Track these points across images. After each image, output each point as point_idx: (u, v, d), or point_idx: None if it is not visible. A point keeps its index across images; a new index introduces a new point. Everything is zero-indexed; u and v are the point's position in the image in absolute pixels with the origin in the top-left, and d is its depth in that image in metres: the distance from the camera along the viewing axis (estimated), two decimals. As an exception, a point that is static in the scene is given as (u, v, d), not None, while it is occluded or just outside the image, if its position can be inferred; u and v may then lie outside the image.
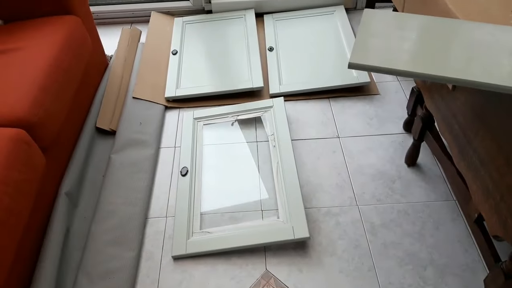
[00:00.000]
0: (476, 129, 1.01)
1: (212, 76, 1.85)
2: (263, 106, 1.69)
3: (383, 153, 1.57)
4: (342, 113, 1.73)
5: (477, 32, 0.81)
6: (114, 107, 1.68)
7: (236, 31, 2.06)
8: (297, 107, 1.77)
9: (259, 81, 1.78)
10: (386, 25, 0.85)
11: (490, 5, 0.90)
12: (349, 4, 2.18)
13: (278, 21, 2.13)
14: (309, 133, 1.66)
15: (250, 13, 2.14)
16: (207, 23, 2.12)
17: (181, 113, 1.75)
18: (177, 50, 1.96)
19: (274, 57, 1.93)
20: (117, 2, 2.21)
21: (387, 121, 1.68)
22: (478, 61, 0.76)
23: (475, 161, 1.02)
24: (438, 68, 0.75)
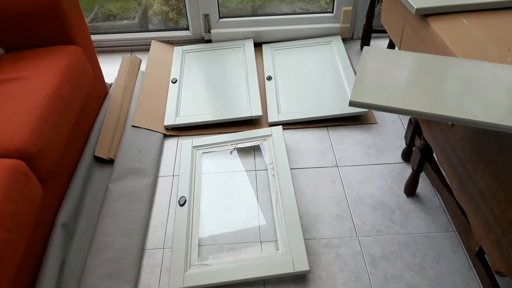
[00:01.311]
0: (476, 164, 1.02)
1: (211, 104, 1.86)
2: (262, 135, 1.70)
3: (382, 183, 1.57)
4: (340, 142, 1.74)
5: (475, 70, 0.83)
6: (113, 135, 1.68)
7: (235, 60, 2.09)
8: (295, 135, 1.77)
9: (257, 109, 1.80)
10: (385, 63, 0.87)
11: (487, 43, 0.92)
12: (346, 34, 2.22)
13: (276, 50, 2.17)
14: (308, 162, 1.66)
15: (249, 42, 2.17)
16: (206, 52, 2.15)
17: (180, 141, 1.75)
18: (176, 78, 1.98)
19: (272, 86, 1.95)
20: (118, 31, 2.25)
21: (385, 151, 1.69)
22: (477, 100, 0.77)
23: (475, 195, 1.02)
24: (437, 107, 0.76)
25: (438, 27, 0.96)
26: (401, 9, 1.06)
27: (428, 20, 0.99)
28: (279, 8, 2.80)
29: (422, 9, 0.99)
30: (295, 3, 2.82)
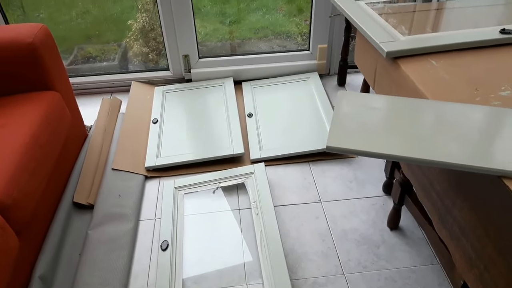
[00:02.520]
0: (454, 198, 1.03)
1: (193, 143, 1.86)
2: (244, 173, 1.70)
3: (366, 217, 1.57)
4: (322, 177, 1.75)
5: (447, 112, 0.86)
6: (93, 179, 1.65)
7: (216, 98, 2.12)
8: (278, 171, 1.78)
9: (239, 147, 1.81)
10: (360, 107, 0.89)
11: (455, 84, 0.96)
12: (323, 70, 2.29)
13: (256, 88, 2.21)
14: (291, 198, 1.66)
15: (229, 81, 2.21)
16: (187, 92, 2.17)
17: (161, 182, 1.73)
18: (157, 118, 1.99)
19: (253, 123, 1.97)
20: (98, 73, 2.26)
21: (367, 184, 1.70)
22: (450, 142, 0.79)
23: (455, 230, 1.04)
24: (412, 150, 0.78)
25: (408, 69, 1.00)
26: (373, 52, 1.10)
27: (398, 62, 1.04)
28: (257, 45, 2.88)
29: (393, 52, 1.04)
30: (272, 40, 2.91)
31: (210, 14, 3.08)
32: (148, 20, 2.38)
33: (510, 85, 0.94)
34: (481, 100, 0.90)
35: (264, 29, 2.98)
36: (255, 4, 3.20)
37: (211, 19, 3.05)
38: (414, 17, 1.33)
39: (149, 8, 2.36)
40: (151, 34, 2.39)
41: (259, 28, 3.00)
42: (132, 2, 2.56)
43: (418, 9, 1.38)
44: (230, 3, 3.19)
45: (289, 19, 3.06)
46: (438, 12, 1.38)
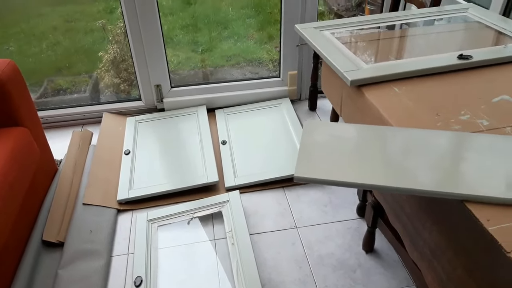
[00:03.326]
0: (424, 221, 1.05)
1: (167, 173, 1.84)
2: (219, 201, 1.69)
3: (341, 241, 1.58)
4: (297, 202, 1.75)
5: (410, 138, 0.89)
6: (63, 216, 1.60)
7: (189, 127, 2.12)
8: (253, 198, 1.78)
9: (214, 175, 1.80)
10: (326, 136, 0.91)
11: (417, 110, 0.99)
12: (294, 96, 2.33)
13: (229, 115, 2.22)
14: (267, 225, 1.65)
15: (202, 109, 2.22)
16: (160, 121, 2.17)
17: (134, 215, 1.70)
18: (129, 149, 1.96)
19: (227, 150, 1.97)
20: (68, 105, 2.23)
21: (341, 208, 1.72)
22: (414, 168, 0.81)
23: (426, 252, 1.05)
24: (376, 178, 0.80)
25: (372, 97, 1.04)
26: (338, 80, 1.14)
27: (362, 90, 1.07)
28: (230, 72, 2.92)
29: (356, 80, 1.07)
30: (245, 67, 2.96)
31: (182, 43, 3.11)
32: (119, 51, 2.38)
33: (469, 109, 0.98)
34: (442, 125, 0.93)
35: (236, 57, 3.03)
36: (227, 32, 3.27)
37: (184, 47, 3.09)
38: (377, 45, 1.38)
39: (120, 40, 2.37)
40: (122, 65, 2.39)
41: (231, 55, 3.05)
42: (103, 34, 2.56)
43: (381, 37, 1.43)
44: (202, 32, 3.24)
45: (260, 46, 3.13)
46: (400, 40, 1.44)
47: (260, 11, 3.44)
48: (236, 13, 3.42)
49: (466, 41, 1.38)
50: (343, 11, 3.31)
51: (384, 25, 1.46)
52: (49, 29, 2.80)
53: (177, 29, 3.23)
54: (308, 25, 1.40)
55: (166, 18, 3.29)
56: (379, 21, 1.45)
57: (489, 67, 1.14)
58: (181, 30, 3.24)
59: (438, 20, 1.53)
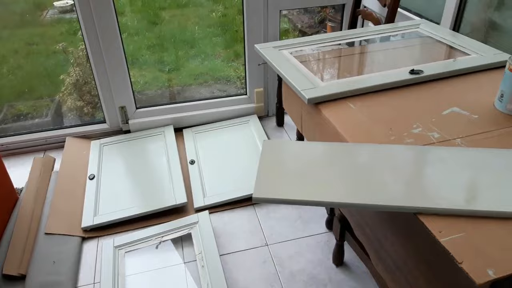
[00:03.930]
0: (385, 233, 1.07)
1: (133, 197, 1.81)
2: (188, 223, 1.66)
3: (312, 256, 1.58)
4: (267, 219, 1.75)
5: (364, 153, 0.91)
6: (24, 247, 1.54)
7: (156, 148, 2.09)
8: (223, 218, 1.76)
9: (182, 197, 1.78)
10: (284, 155, 0.92)
11: (372, 125, 1.02)
12: (261, 112, 2.35)
13: (197, 134, 2.21)
14: (238, 245, 1.64)
15: (169, 129, 2.20)
16: (125, 143, 2.13)
17: (100, 242, 1.65)
18: (94, 174, 1.92)
19: (196, 170, 1.96)
20: (29, 131, 2.16)
21: (311, 222, 1.73)
22: (367, 183, 0.83)
23: (390, 264, 1.07)
24: (334, 194, 0.81)
25: (328, 114, 1.06)
26: (298, 98, 1.15)
27: (320, 107, 1.09)
28: (198, 91, 2.92)
29: (313, 98, 1.09)
30: (213, 85, 2.97)
31: (149, 63, 3.10)
32: (81, 73, 2.35)
33: (421, 123, 1.01)
34: (395, 139, 0.96)
35: (204, 75, 3.04)
36: (194, 51, 3.28)
37: (150, 67, 3.07)
38: (334, 62, 1.42)
39: (82, 62, 2.33)
40: (85, 87, 2.35)
41: (198, 74, 3.05)
42: (65, 56, 2.52)
43: (338, 55, 1.47)
44: (169, 51, 3.24)
45: (228, 64, 3.15)
46: (357, 57, 1.49)
47: (226, 29, 3.48)
48: (202, 32, 3.45)
49: (418, 56, 1.43)
50: (307, 28, 3.38)
51: (343, 42, 1.50)
52: (10, 52, 2.73)
53: (143, 49, 3.22)
54: (268, 45, 1.42)
55: (131, 38, 3.28)
56: (337, 39, 1.49)
57: (440, 81, 1.19)
58: (148, 50, 3.23)
59: (393, 36, 1.59)
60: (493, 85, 1.11)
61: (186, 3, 3.61)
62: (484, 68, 1.25)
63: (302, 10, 3.52)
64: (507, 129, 1.00)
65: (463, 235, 0.74)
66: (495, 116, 1.04)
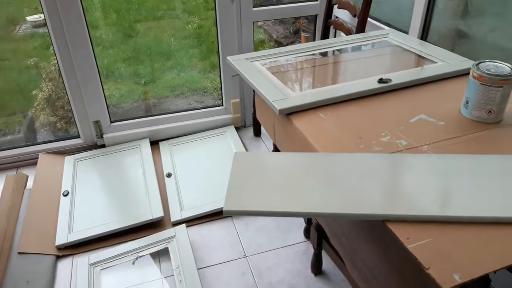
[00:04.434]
0: (360, 242, 1.08)
1: (109, 213, 1.77)
2: (165, 237, 1.64)
3: (290, 266, 1.58)
4: (245, 230, 1.74)
5: (333, 163, 0.92)
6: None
7: (132, 162, 2.06)
8: (202, 231, 1.75)
9: (158, 211, 1.75)
10: (255, 167, 0.92)
11: (342, 134, 1.03)
12: (238, 123, 2.35)
13: (173, 146, 2.20)
14: (217, 257, 1.62)
15: (145, 142, 2.18)
16: (100, 158, 2.10)
17: (75, 260, 1.61)
18: (68, 190, 1.88)
19: (172, 182, 1.94)
20: (0, 148, 2.10)
21: (289, 231, 1.73)
22: (337, 192, 0.84)
23: (365, 272, 1.08)
24: (305, 205, 0.81)
25: (299, 124, 1.07)
26: (270, 109, 1.16)
27: (291, 118, 1.10)
28: (175, 103, 2.90)
29: (284, 109, 1.10)
30: (190, 97, 2.96)
31: (125, 76, 3.07)
32: (54, 88, 2.31)
33: (389, 131, 1.03)
34: (364, 147, 0.98)
35: (181, 87, 3.03)
36: (170, 63, 3.27)
37: (126, 80, 3.04)
38: (306, 73, 1.44)
39: (54, 77, 2.30)
40: (58, 102, 2.31)
41: (175, 86, 3.04)
42: (38, 71, 2.47)
43: (310, 65, 1.49)
44: (144, 64, 3.22)
45: (204, 76, 3.15)
46: (328, 67, 1.51)
47: (202, 41, 3.48)
48: (178, 44, 3.44)
49: (387, 65, 1.46)
50: (282, 38, 3.42)
51: (315, 53, 1.52)
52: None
53: (119, 62, 3.19)
54: (240, 57, 1.43)
55: (106, 52, 3.25)
56: (308, 49, 1.51)
57: (408, 89, 1.22)
58: (123, 62, 3.20)
59: (364, 45, 1.62)
60: (459, 92, 1.14)
61: (161, 16, 3.61)
62: (451, 76, 1.28)
63: (277, 21, 3.57)
64: (473, 135, 1.02)
65: (430, 241, 0.75)
66: (461, 122, 1.07)
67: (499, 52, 1.39)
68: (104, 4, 3.52)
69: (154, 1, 3.67)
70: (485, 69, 1.03)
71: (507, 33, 1.36)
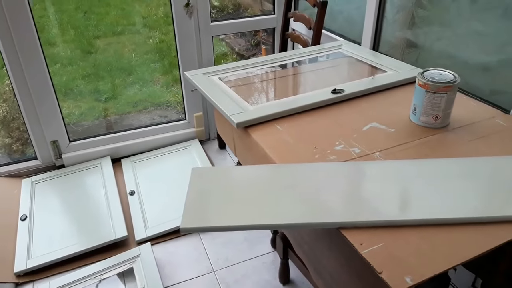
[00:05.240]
0: (321, 248, 1.10)
1: (70, 235, 1.72)
2: (129, 257, 1.61)
3: (258, 277, 1.58)
4: (213, 245, 1.73)
5: (289, 173, 0.94)
6: None
7: (93, 181, 2.01)
8: (168, 248, 1.72)
9: (122, 230, 1.72)
10: (212, 182, 0.92)
11: (298, 145, 1.05)
12: (202, 136, 2.35)
13: (136, 163, 2.16)
14: (184, 274, 1.60)
15: (106, 160, 2.13)
16: (60, 179, 2.03)
17: (35, 286, 1.55)
18: (26, 215, 1.80)
19: (136, 200, 1.91)
20: (-50, 174, 2.00)
21: (256, 242, 1.73)
22: (293, 203, 0.86)
23: (328, 279, 1.09)
24: (262, 217, 0.82)
25: (257, 137, 1.08)
26: (229, 122, 1.17)
27: (249, 131, 1.11)
28: (138, 118, 2.86)
29: (242, 122, 1.11)
30: (153, 111, 2.93)
31: (84, 93, 3.00)
32: (8, 109, 2.22)
33: (343, 140, 1.06)
34: (319, 157, 1.00)
35: (143, 102, 3.00)
36: (131, 78, 3.23)
37: (86, 97, 2.98)
38: (264, 85, 1.46)
39: (8, 97, 2.22)
40: (13, 123, 2.23)
41: (137, 101, 3.00)
42: (-10, 91, 2.38)
43: (268, 78, 1.52)
44: (105, 80, 3.17)
45: (167, 90, 3.13)
46: (285, 79, 1.54)
47: (164, 55, 3.47)
48: (140, 59, 3.41)
49: (341, 76, 1.51)
50: (244, 50, 3.46)
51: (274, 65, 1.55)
52: None
53: (78, 79, 3.12)
54: (198, 72, 1.44)
55: (64, 69, 3.18)
56: (265, 62, 1.54)
57: (360, 98, 1.26)
58: (82, 79, 3.13)
59: (320, 57, 1.67)
60: (408, 99, 1.19)
61: (121, 31, 3.57)
62: (400, 84, 1.34)
63: (239, 34, 3.61)
64: (421, 140, 1.07)
65: (383, 245, 0.78)
66: (411, 128, 1.12)
67: (446, 60, 1.47)
68: (62, 20, 3.44)
69: (113, 17, 3.63)
70: (429, 77, 1.09)
71: (452, 41, 1.44)
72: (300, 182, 0.91)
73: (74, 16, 3.56)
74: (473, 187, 0.89)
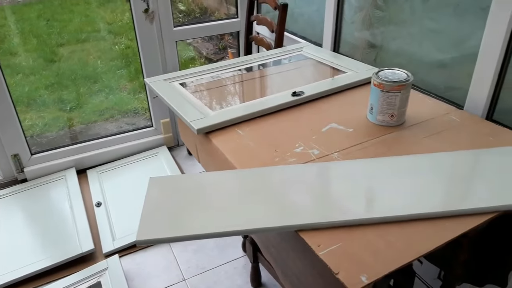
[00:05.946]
0: (287, 250, 1.10)
1: (34, 252, 1.66)
2: (96, 271, 1.57)
3: (230, 282, 1.57)
4: (183, 252, 1.71)
5: (249, 178, 0.93)
6: None
7: (57, 194, 1.95)
8: (136, 259, 1.69)
9: (88, 243, 1.67)
10: (171, 191, 0.91)
11: (259, 149, 1.05)
12: (171, 143, 2.32)
13: (102, 173, 2.11)
14: (154, 285, 1.58)
15: (70, 172, 2.07)
16: (22, 194, 1.96)
17: (-3, 308, 1.49)
18: (-14, 233, 1.73)
19: (103, 212, 1.86)
20: None
21: (227, 247, 1.72)
22: (253, 208, 0.85)
23: (295, 281, 1.10)
24: (221, 224, 0.82)
25: (217, 142, 1.08)
26: (190, 129, 1.16)
27: (210, 137, 1.10)
28: (105, 127, 2.80)
29: (202, 128, 1.10)
30: (120, 119, 2.87)
31: (48, 103, 2.92)
32: (-36, 123, 2.13)
33: (302, 142, 1.07)
34: (280, 160, 1.00)
35: (110, 110, 2.94)
36: (97, 86, 3.16)
37: (50, 108, 2.90)
38: (226, 90, 1.46)
39: (-36, 111, 2.12)
40: (-30, 138, 2.14)
41: (103, 109, 2.94)
42: None
43: (229, 82, 1.51)
44: (69, 89, 3.09)
45: (134, 97, 3.08)
46: (247, 83, 1.54)
47: (131, 61, 3.41)
48: (105, 66, 3.35)
49: (302, 78, 1.52)
50: (212, 54, 3.45)
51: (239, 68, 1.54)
52: None
53: (41, 89, 3.03)
54: (158, 78, 1.42)
55: (27, 79, 3.08)
56: (228, 66, 1.53)
57: (320, 99, 1.28)
58: (46, 89, 3.05)
59: (283, 59, 1.68)
60: (365, 99, 1.21)
61: (86, 38, 3.50)
62: (358, 84, 1.36)
63: (207, 38, 3.59)
64: (378, 139, 1.09)
65: (340, 245, 0.78)
66: (368, 127, 1.14)
67: (402, 58, 1.50)
68: (23, 29, 3.34)
69: (77, 24, 3.55)
70: (383, 77, 1.11)
71: (407, 40, 1.47)
72: (260, 187, 0.91)
73: (37, 24, 3.46)
74: (429, 183, 0.91)
